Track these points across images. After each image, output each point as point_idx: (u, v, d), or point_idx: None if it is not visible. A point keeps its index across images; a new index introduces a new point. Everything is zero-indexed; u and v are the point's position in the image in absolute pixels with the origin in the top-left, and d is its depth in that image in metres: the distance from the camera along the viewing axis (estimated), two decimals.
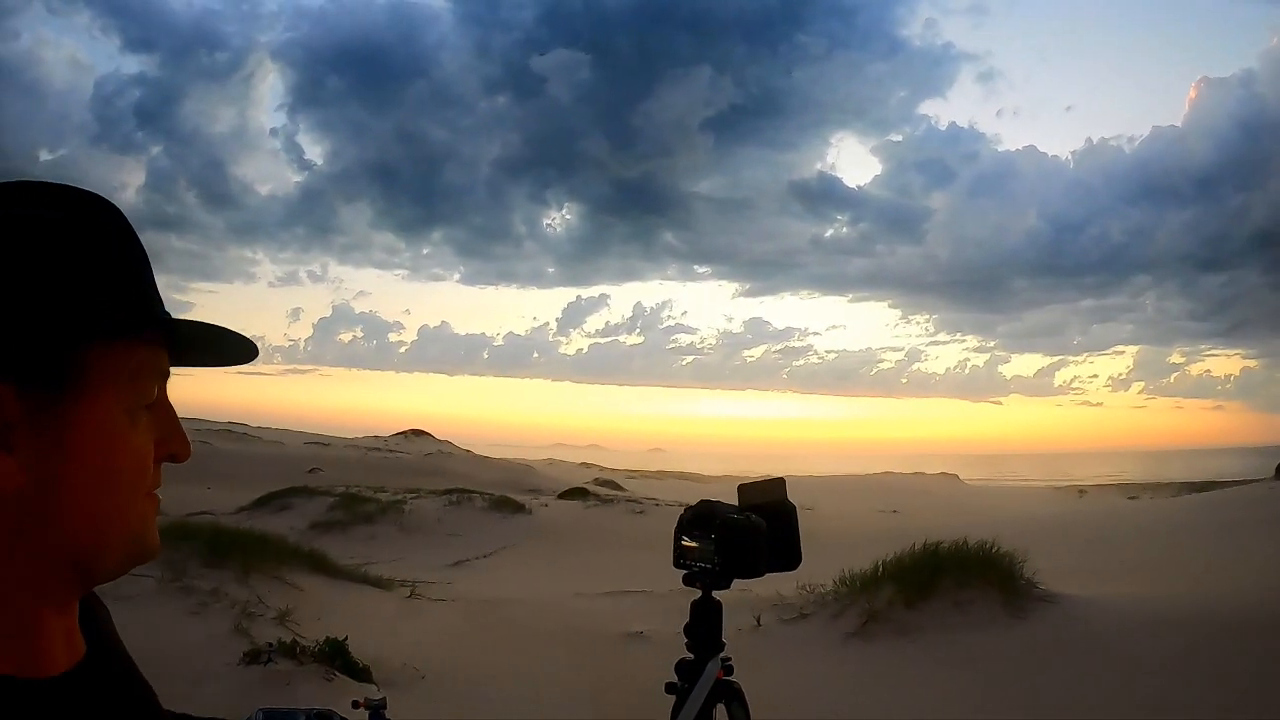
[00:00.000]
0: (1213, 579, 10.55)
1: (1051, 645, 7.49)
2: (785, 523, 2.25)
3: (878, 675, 7.54)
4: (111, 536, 0.98)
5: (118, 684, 1.08)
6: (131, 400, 0.98)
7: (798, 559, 2.27)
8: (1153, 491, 43.93)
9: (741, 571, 2.19)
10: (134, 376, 0.99)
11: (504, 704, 6.99)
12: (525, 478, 43.25)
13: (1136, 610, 8.24)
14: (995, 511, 27.20)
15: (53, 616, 0.98)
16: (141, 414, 1.00)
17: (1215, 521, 16.29)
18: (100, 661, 1.06)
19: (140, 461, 1.00)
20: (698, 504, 2.27)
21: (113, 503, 0.97)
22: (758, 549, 2.19)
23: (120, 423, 0.97)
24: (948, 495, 45.31)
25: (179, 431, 1.06)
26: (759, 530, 2.19)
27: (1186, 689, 6.44)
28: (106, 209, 1.02)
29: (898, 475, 58.34)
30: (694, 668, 2.27)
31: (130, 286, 1.00)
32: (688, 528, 2.24)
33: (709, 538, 2.18)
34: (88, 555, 0.97)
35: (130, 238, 1.03)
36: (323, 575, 10.85)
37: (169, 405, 1.06)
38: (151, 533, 1.04)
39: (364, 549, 17.21)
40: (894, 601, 8.65)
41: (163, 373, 1.03)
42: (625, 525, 20.52)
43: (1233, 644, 7.08)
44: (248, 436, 53.51)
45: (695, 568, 2.23)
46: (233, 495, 25.03)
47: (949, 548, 9.23)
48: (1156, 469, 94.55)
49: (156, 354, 1.01)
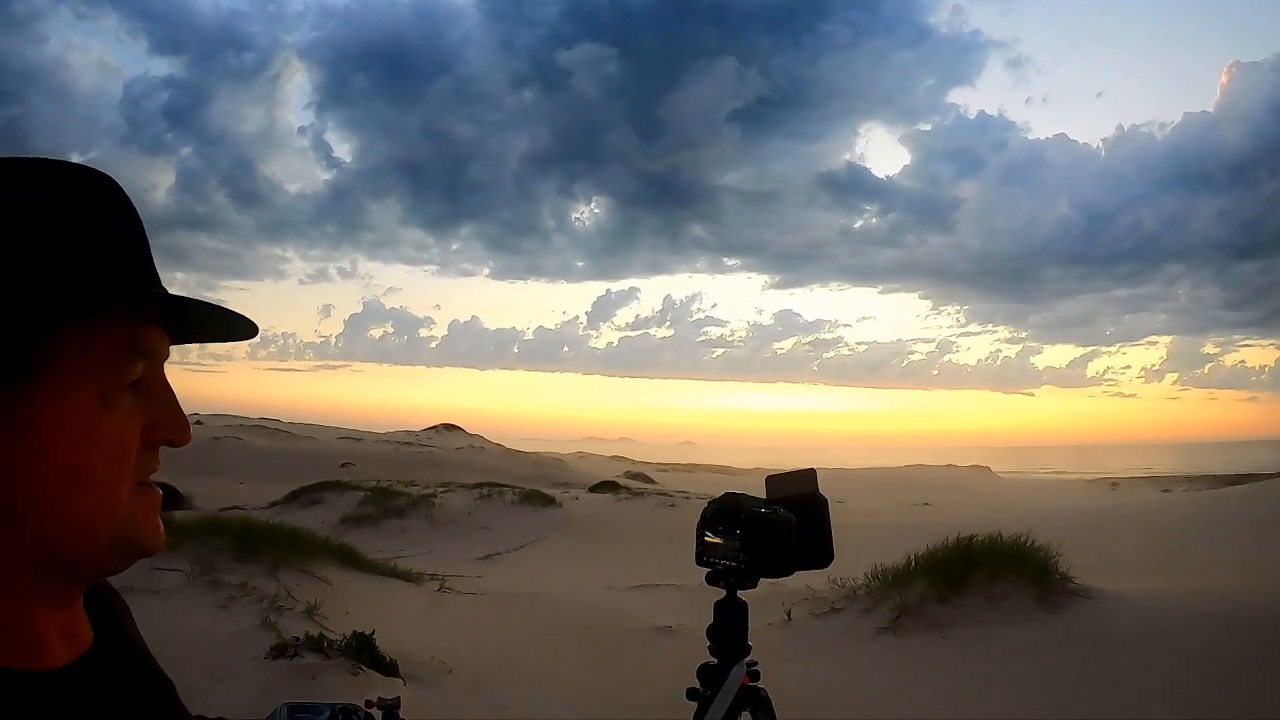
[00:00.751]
0: (1250, 574, 10.35)
1: (1087, 641, 7.36)
2: (816, 517, 2.10)
3: (910, 670, 7.46)
4: (92, 532, 0.92)
5: (125, 678, 1.03)
6: (106, 382, 0.91)
7: (829, 556, 2.13)
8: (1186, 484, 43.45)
9: (769, 570, 2.06)
10: (110, 357, 0.92)
11: (531, 698, 6.95)
12: (556, 471, 43.28)
13: (1174, 606, 8.10)
14: (1028, 504, 27.01)
15: (46, 611, 0.94)
16: (121, 396, 0.93)
17: (1250, 515, 16.05)
18: (107, 655, 1.01)
19: (119, 449, 0.93)
20: (721, 497, 2.12)
21: (89, 496, 0.91)
22: (786, 545, 2.05)
23: (89, 409, 0.90)
24: (980, 488, 45.02)
25: (174, 414, 0.98)
26: (787, 525, 2.05)
27: (1226, 687, 6.34)
28: (81, 181, 0.95)
29: (929, 468, 57.96)
30: (717, 673, 2.15)
31: (102, 261, 0.93)
32: (711, 523, 2.11)
33: (734, 533, 2.05)
34: (66, 552, 0.92)
35: (108, 209, 0.96)
36: (352, 569, 10.85)
37: (165, 385, 0.99)
38: (145, 525, 0.97)
39: (395, 543, 17.23)
40: (927, 596, 8.53)
41: (150, 351, 0.96)
42: (656, 518, 20.39)
43: (1273, 641, 6.96)
44: (280, 432, 53.73)
45: (719, 566, 2.10)
46: (265, 490, 25.13)
47: (982, 541, 9.10)
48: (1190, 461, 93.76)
49: (141, 332, 0.95)
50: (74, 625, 0.99)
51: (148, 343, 0.96)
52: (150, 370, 0.97)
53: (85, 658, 0.98)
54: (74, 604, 1.00)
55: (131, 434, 0.94)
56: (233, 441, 42.36)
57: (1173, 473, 60.68)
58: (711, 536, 2.11)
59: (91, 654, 0.99)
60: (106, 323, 0.92)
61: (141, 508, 0.97)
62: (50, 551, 0.91)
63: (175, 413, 0.99)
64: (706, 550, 2.13)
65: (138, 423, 0.95)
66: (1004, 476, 64.58)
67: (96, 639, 1.02)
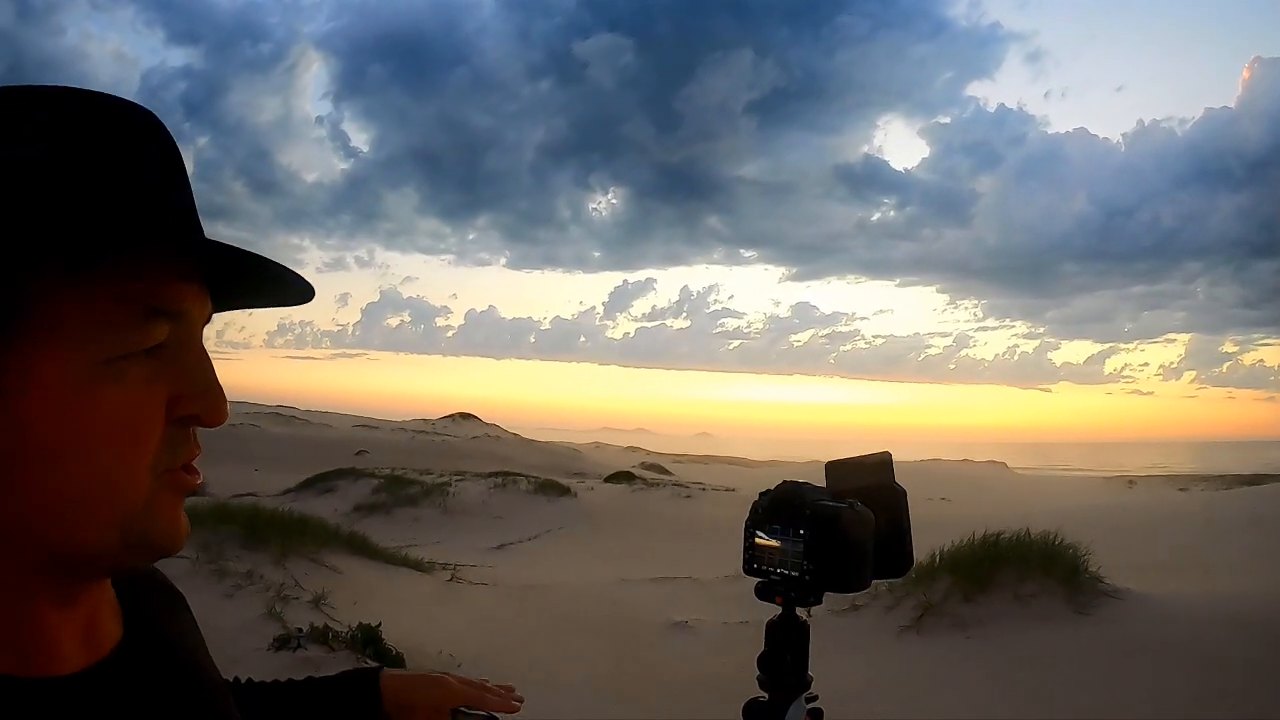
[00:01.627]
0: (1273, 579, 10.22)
1: (1119, 644, 7.14)
2: (893, 514, 1.58)
3: (934, 671, 7.26)
4: (94, 522, 0.75)
5: (154, 684, 0.87)
6: (110, 345, 0.73)
7: (909, 561, 1.61)
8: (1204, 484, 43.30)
9: (840, 581, 1.53)
10: (118, 316, 0.74)
11: (542, 695, 6.77)
12: (571, 461, 43.42)
13: (1207, 610, 7.90)
14: (1045, 501, 26.88)
15: (55, 610, 0.79)
16: (136, 364, 0.75)
17: (1273, 516, 15.92)
18: (135, 659, 0.87)
19: (129, 425, 0.74)
20: (778, 487, 1.56)
21: (92, 478, 0.73)
22: (863, 550, 1.53)
23: (88, 375, 0.72)
24: (997, 484, 44.91)
25: (205, 386, 0.79)
26: (866, 524, 1.52)
27: (1251, 694, 6.13)
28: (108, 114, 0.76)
29: (945, 463, 57.83)
30: (770, 713, 1.59)
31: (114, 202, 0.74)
32: (764, 520, 1.56)
33: (795, 534, 1.52)
34: (64, 545, 0.75)
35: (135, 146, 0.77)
36: (362, 558, 10.75)
37: (197, 352, 0.81)
38: (162, 518, 0.79)
39: (407, 531, 17.18)
40: (951, 594, 8.31)
41: (175, 312, 0.76)
42: (671, 510, 20.29)
43: None
44: (296, 420, 53.98)
45: (775, 575, 1.55)
46: (280, 478, 25.18)
47: (1009, 539, 8.89)
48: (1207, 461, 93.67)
49: (163, 288, 0.75)
50: (94, 626, 0.84)
51: (172, 301, 0.77)
52: (179, 334, 0.78)
53: (105, 662, 0.83)
54: (92, 602, 0.84)
55: (149, 409, 0.76)
56: (249, 429, 42.46)
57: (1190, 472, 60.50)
58: (765, 538, 1.57)
59: (114, 658, 0.84)
60: (117, 275, 0.73)
61: (163, 497, 0.78)
62: (46, 544, 0.75)
63: (206, 384, 0.80)
64: (759, 555, 1.58)
65: (160, 396, 0.77)
66: (1020, 472, 64.52)
67: (125, 640, 0.87)
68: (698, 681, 6.85)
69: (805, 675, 1.60)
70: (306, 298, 0.87)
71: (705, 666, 7.14)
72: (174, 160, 0.80)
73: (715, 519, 17.89)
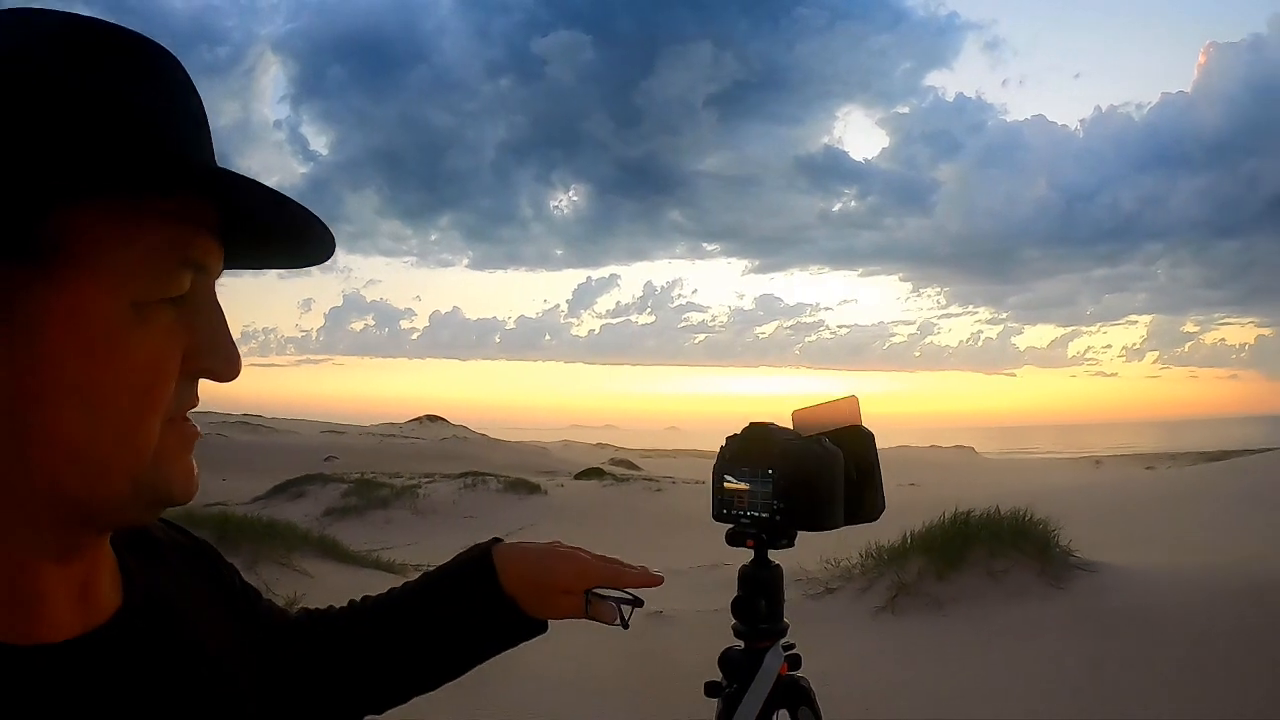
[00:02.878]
0: (1242, 548, 10.37)
1: (1093, 615, 7.22)
2: (862, 455, 1.53)
3: (910, 649, 7.29)
4: (112, 470, 0.72)
5: (150, 657, 0.82)
6: (142, 289, 0.72)
7: (880, 505, 1.55)
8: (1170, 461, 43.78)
9: (811, 520, 1.47)
10: (152, 258, 0.72)
11: (525, 689, 6.76)
12: (541, 460, 43.35)
13: (1179, 579, 8.02)
14: (1014, 482, 27.07)
15: (52, 567, 0.75)
16: (161, 311, 0.74)
17: (1237, 490, 16.14)
18: (131, 629, 0.82)
19: (152, 372, 0.73)
20: (745, 429, 1.53)
21: (110, 423, 0.71)
22: (834, 488, 1.47)
23: (118, 318, 0.70)
24: (965, 468, 45.30)
25: (223, 342, 0.78)
26: (836, 461, 1.48)
27: (1234, 657, 6.23)
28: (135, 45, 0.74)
29: (913, 449, 58.22)
30: (746, 660, 1.54)
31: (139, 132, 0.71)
32: (732, 463, 1.52)
33: (764, 474, 1.47)
34: (80, 494, 0.72)
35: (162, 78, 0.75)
36: (333, 561, 10.68)
37: (215, 307, 0.79)
38: (177, 467, 0.77)
39: (379, 534, 17.10)
40: (924, 573, 8.35)
41: (197, 263, 0.74)
42: (643, 504, 20.29)
43: (1272, 614, 6.84)
44: (263, 428, 53.58)
45: (745, 518, 1.51)
46: (249, 486, 24.92)
47: (980, 517, 8.94)
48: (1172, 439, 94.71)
49: (189, 234, 0.73)
50: (92, 587, 0.80)
51: (199, 252, 0.75)
52: (200, 286, 0.77)
53: (100, 631, 0.79)
54: (90, 563, 0.80)
55: (169, 358, 0.75)
56: (215, 438, 42.04)
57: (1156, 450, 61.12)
58: (733, 481, 1.53)
59: (110, 627, 0.80)
60: (150, 216, 0.71)
61: (174, 446, 0.77)
62: (59, 491, 0.71)
63: (224, 340, 0.79)
64: (727, 500, 1.54)
65: (178, 347, 0.75)
66: (988, 456, 65.02)
67: (124, 609, 0.83)
68: (678, 669, 6.85)
69: (781, 620, 1.57)
70: (324, 253, 0.85)
71: (685, 654, 7.13)
72: (200, 102, 0.79)
73: (687, 511, 17.91)
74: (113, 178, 0.69)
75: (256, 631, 1.07)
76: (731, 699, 1.50)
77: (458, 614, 1.25)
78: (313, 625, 1.22)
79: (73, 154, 0.67)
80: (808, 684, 1.62)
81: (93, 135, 0.69)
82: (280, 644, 1.12)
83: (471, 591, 1.25)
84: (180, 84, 0.77)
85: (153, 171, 0.70)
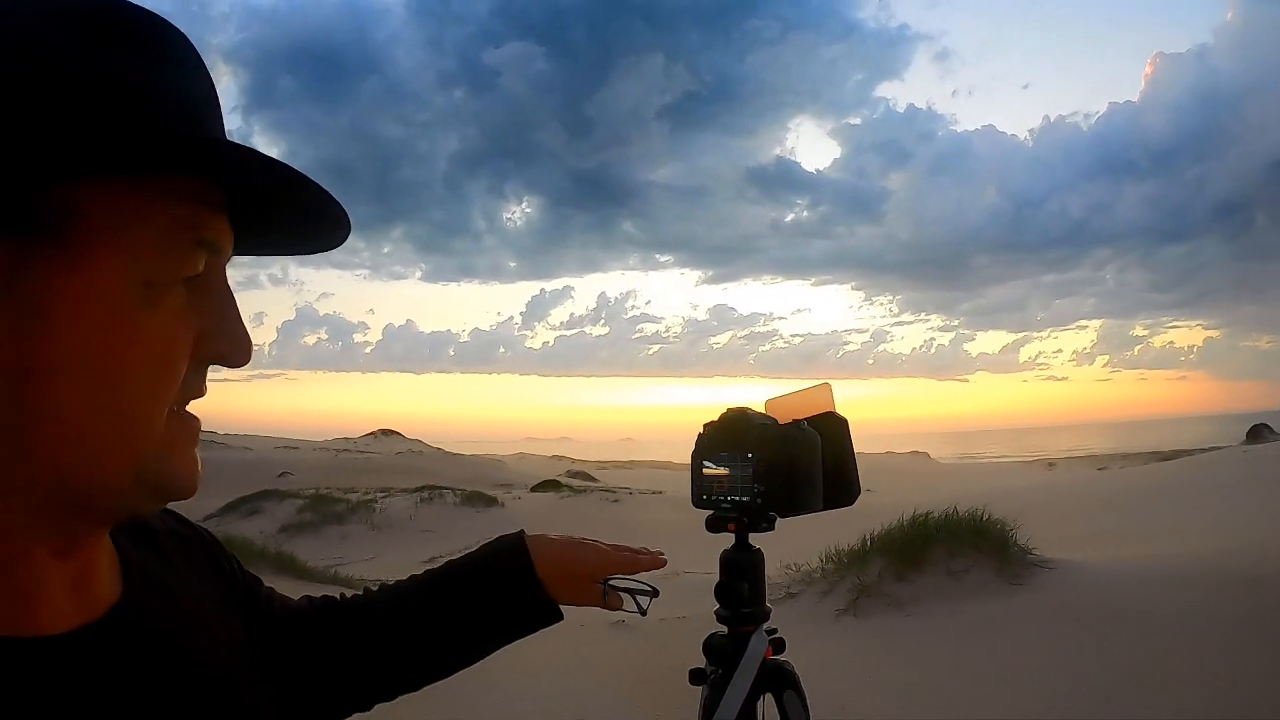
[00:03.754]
0: (1193, 542, 10.58)
1: (1052, 611, 7.32)
2: (837, 441, 1.55)
3: (873, 650, 7.32)
4: (119, 458, 0.70)
5: (147, 652, 0.79)
6: (153, 269, 0.69)
7: (855, 489, 1.58)
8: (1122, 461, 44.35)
9: (791, 504, 1.50)
10: (166, 237, 0.69)
11: (492, 700, 6.73)
12: (497, 472, 43.22)
13: (1134, 572, 8.21)
14: (969, 485, 27.35)
15: (50, 560, 0.72)
16: (172, 292, 0.71)
17: (1190, 487, 16.48)
18: (129, 623, 0.79)
19: (163, 356, 0.70)
20: (724, 415, 1.55)
21: (119, 408, 0.69)
22: (812, 471, 1.50)
23: (128, 298, 0.68)
24: (920, 473, 45.55)
25: (235, 326, 0.76)
26: (814, 444, 1.51)
27: (1192, 646, 6.33)
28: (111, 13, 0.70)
29: (869, 455, 58.46)
30: (731, 646, 1.55)
31: (137, 108, 0.69)
32: (711, 449, 1.54)
33: (744, 459, 1.49)
34: (83, 482, 0.69)
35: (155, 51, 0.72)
36: (290, 577, 10.61)
37: (225, 291, 0.77)
38: (182, 458, 0.75)
39: (336, 549, 17.02)
40: (885, 575, 8.41)
41: (211, 244, 0.72)
42: (600, 514, 20.36)
43: (1228, 601, 7.02)
44: (216, 444, 52.97)
45: (725, 503, 1.53)
46: (202, 503, 24.61)
47: (938, 518, 9.03)
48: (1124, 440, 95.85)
49: (201, 213, 0.71)
50: (89, 579, 0.77)
51: (212, 232, 0.73)
52: (212, 269, 0.75)
53: (98, 624, 0.76)
54: (89, 554, 0.77)
55: (181, 342, 0.72)
56: None
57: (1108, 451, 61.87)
58: (712, 467, 1.55)
59: (107, 621, 0.77)
60: (162, 194, 0.69)
61: (180, 437, 0.75)
62: (61, 480, 0.69)
63: (236, 324, 0.76)
64: (707, 486, 1.56)
65: (189, 331, 0.73)
66: (943, 461, 65.49)
67: (122, 602, 0.80)
68: (640, 675, 6.85)
69: (764, 605, 1.59)
70: (340, 235, 0.82)
71: (646, 661, 7.13)
72: (210, 79, 0.77)
73: (644, 521, 17.97)
74: (110, 153, 0.66)
75: (257, 619, 1.06)
76: (717, 684, 1.50)
77: (491, 599, 1.28)
78: (318, 613, 1.22)
79: (67, 128, 0.65)
80: (793, 668, 1.62)
81: (88, 110, 0.66)
82: (284, 633, 1.11)
83: (509, 577, 1.29)
84: (187, 60, 0.74)
85: (149, 146, 0.68)
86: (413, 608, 1.26)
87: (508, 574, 1.29)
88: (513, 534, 1.35)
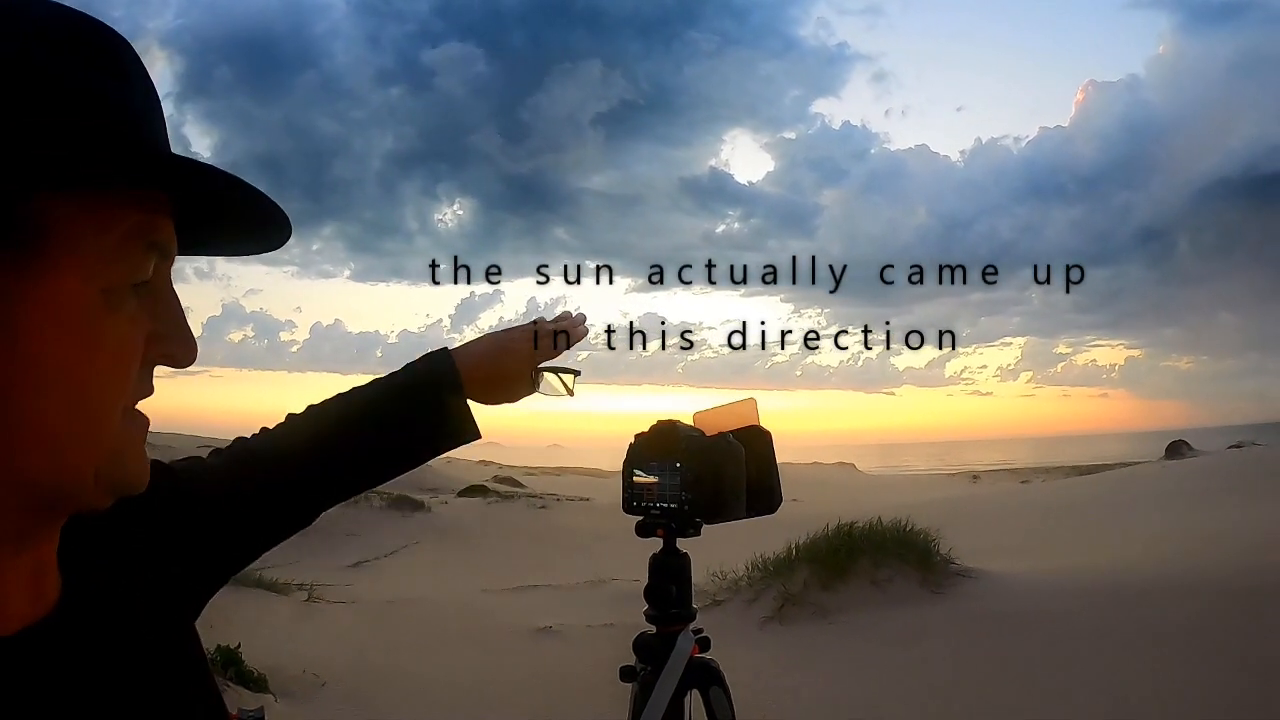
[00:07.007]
0: (1109, 553, 10.85)
1: (972, 619, 7.48)
2: (761, 453, 1.69)
3: (798, 658, 7.40)
4: (81, 457, 0.71)
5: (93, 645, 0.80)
6: (113, 276, 0.71)
7: (778, 498, 1.72)
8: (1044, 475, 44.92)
9: (716, 511, 1.64)
10: (123, 245, 0.70)
11: (414, 706, 6.70)
12: (422, 476, 42.52)
13: (1052, 583, 8.41)
14: (894, 497, 27.54)
15: (9, 558, 0.73)
16: (127, 298, 0.73)
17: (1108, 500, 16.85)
18: (75, 615, 0.80)
19: (121, 359, 0.72)
20: (654, 426, 1.71)
21: (83, 411, 0.70)
22: (737, 481, 1.64)
23: (92, 305, 0.69)
24: (846, 484, 45.79)
25: (181, 327, 0.77)
26: (739, 456, 1.65)
27: (1103, 654, 6.52)
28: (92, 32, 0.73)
29: (796, 466, 58.64)
30: (659, 644, 1.70)
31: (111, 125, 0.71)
32: (641, 458, 1.70)
33: (672, 468, 1.64)
34: (44, 478, 0.71)
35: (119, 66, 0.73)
36: None
37: (171, 294, 0.78)
38: (134, 455, 0.77)
39: None
40: (810, 584, 8.52)
41: (161, 247, 0.74)
42: (528, 521, 20.27)
43: (1143, 610, 7.24)
44: None
45: (655, 510, 1.68)
46: None
47: (863, 528, 9.14)
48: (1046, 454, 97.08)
49: (153, 221, 0.72)
50: (42, 576, 0.78)
51: (163, 236, 0.74)
52: (159, 272, 0.76)
53: (49, 619, 0.77)
54: (43, 551, 0.78)
55: (134, 345, 0.74)
56: None
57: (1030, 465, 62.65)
58: (643, 475, 1.69)
59: (57, 614, 0.79)
60: (119, 203, 0.70)
61: (132, 434, 0.76)
62: (25, 479, 0.70)
63: (182, 326, 0.78)
64: (637, 493, 1.71)
65: (141, 333, 0.75)
66: (869, 473, 65.90)
67: (65, 595, 0.81)
68: (567, 682, 6.85)
69: (690, 606, 1.75)
70: (281, 238, 0.83)
71: (574, 667, 7.13)
72: (154, 88, 0.78)
73: (571, 528, 17.95)
74: (90, 167, 0.68)
75: (203, 520, 1.07)
76: (647, 681, 1.64)
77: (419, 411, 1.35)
78: (262, 449, 1.29)
79: (52, 145, 0.66)
80: (717, 665, 1.77)
81: (71, 127, 0.68)
82: (233, 496, 1.16)
83: (436, 389, 1.35)
84: (141, 72, 0.76)
85: (131, 164, 0.70)
86: (351, 420, 1.32)
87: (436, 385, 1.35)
88: (439, 351, 1.39)
